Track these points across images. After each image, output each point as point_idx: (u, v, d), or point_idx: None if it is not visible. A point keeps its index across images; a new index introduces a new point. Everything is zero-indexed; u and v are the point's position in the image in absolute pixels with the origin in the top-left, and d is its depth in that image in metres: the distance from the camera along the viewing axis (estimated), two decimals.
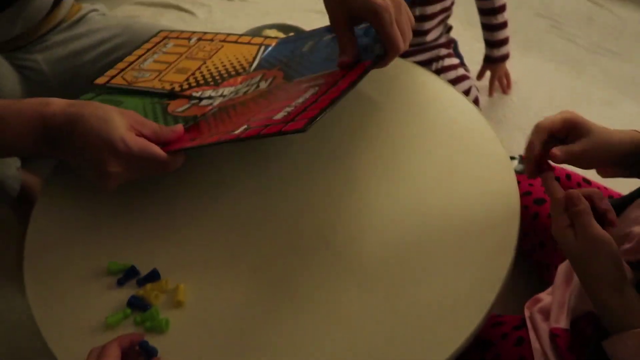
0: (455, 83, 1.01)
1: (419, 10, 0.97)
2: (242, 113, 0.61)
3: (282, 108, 0.55)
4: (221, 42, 0.83)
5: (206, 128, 0.61)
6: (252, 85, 0.69)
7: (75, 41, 1.04)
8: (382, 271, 0.54)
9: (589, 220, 0.46)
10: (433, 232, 0.57)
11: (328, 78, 0.59)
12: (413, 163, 0.65)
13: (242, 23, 1.55)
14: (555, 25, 1.53)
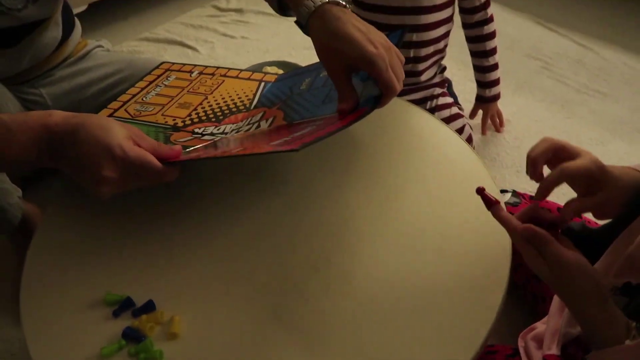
0: (449, 121, 1.04)
1: (414, 52, 1.01)
2: (241, 143, 0.63)
3: (280, 138, 0.58)
4: (222, 77, 0.86)
5: (204, 153, 0.63)
6: (253, 124, 0.71)
7: (79, 76, 1.07)
8: (376, 303, 0.55)
9: (556, 248, 0.47)
10: (426, 265, 0.58)
11: (326, 120, 0.62)
12: (406, 200, 0.66)
13: (244, 60, 1.60)
14: (545, 66, 1.58)
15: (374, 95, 0.62)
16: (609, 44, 1.68)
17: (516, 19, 1.81)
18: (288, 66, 1.38)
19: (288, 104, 0.72)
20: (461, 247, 0.60)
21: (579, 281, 0.46)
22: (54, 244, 0.64)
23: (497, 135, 1.32)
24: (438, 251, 0.60)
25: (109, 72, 1.08)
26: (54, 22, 0.97)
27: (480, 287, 0.56)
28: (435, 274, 0.57)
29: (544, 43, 1.70)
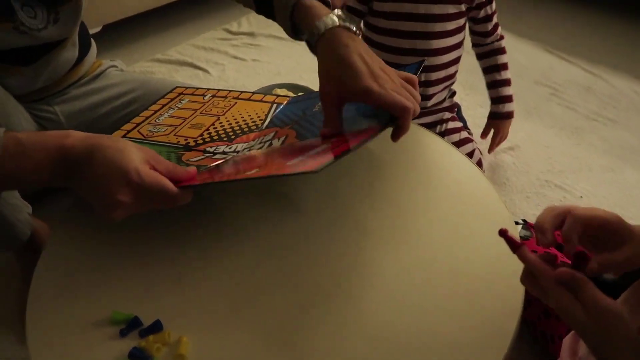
0: (459, 145, 1.03)
1: (424, 76, 1.01)
2: (254, 160, 0.63)
3: (295, 157, 0.58)
4: (234, 99, 0.87)
5: (218, 173, 0.63)
6: (265, 142, 0.71)
7: (93, 95, 1.09)
8: (386, 332, 0.54)
9: (594, 292, 0.43)
10: (436, 297, 0.57)
11: (339, 137, 0.62)
12: (417, 224, 0.66)
13: (254, 82, 1.62)
14: (554, 93, 1.59)
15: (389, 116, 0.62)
16: (618, 72, 1.69)
17: (525, 47, 1.83)
18: (299, 89, 1.39)
19: (301, 124, 0.73)
20: (472, 276, 0.59)
21: (618, 329, 0.43)
22: (61, 262, 0.64)
23: (507, 160, 1.31)
24: (449, 277, 0.59)
25: (122, 91, 1.10)
26: (71, 42, 0.99)
27: (491, 319, 0.55)
28: (446, 301, 0.56)
29: (553, 70, 1.71)
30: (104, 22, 1.71)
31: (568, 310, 0.44)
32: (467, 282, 0.58)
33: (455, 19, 0.98)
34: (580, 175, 1.27)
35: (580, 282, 0.44)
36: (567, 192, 1.22)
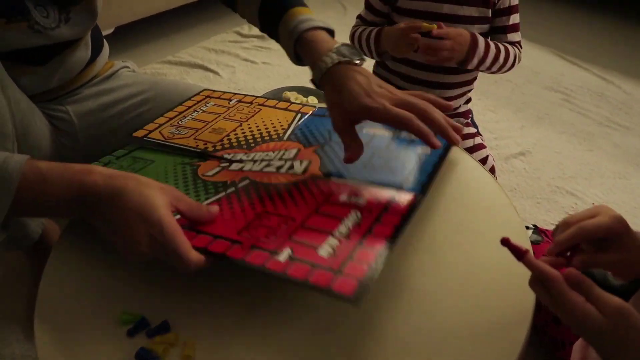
0: (473, 151, 1.02)
1: (442, 77, 1.00)
2: (276, 203, 0.60)
3: (325, 237, 0.53)
4: (259, 106, 0.86)
5: (240, 212, 0.59)
6: (285, 160, 0.70)
7: (105, 95, 1.09)
8: (394, 336, 0.53)
9: (606, 293, 0.43)
10: (446, 302, 0.56)
11: (370, 200, 0.59)
12: (429, 230, 0.65)
13: (264, 84, 1.62)
14: (566, 99, 1.58)
15: (425, 176, 0.63)
16: (631, 78, 1.67)
17: (537, 52, 1.82)
18: (308, 92, 1.39)
19: (326, 151, 0.71)
20: (483, 279, 0.58)
21: (635, 325, 0.41)
22: (70, 261, 0.64)
23: (518, 165, 1.30)
24: (459, 283, 0.58)
25: (133, 92, 1.11)
26: (84, 43, 1.00)
27: (502, 324, 0.54)
28: (456, 307, 0.56)
29: (565, 76, 1.69)
30: (116, 23, 1.72)
31: (585, 313, 0.42)
32: (477, 288, 0.58)
33: (479, 22, 0.96)
34: (591, 182, 1.26)
35: (590, 282, 0.44)
36: (578, 198, 1.21)
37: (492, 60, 0.92)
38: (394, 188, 0.61)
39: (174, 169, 0.72)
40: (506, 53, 0.94)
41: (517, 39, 0.97)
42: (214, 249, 0.54)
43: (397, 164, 0.66)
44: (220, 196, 0.63)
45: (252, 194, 0.63)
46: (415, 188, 0.61)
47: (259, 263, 0.51)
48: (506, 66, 0.96)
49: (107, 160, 0.77)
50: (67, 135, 1.06)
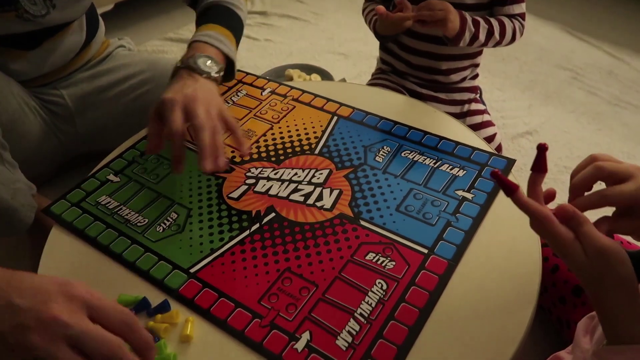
0: (481, 128, 1.00)
1: (434, 48, 0.97)
2: (300, 259, 0.57)
3: (346, 319, 0.51)
4: (293, 102, 0.82)
5: (262, 267, 0.57)
6: (314, 185, 0.66)
7: (100, 77, 1.06)
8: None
9: (594, 230, 0.43)
10: (453, 282, 0.55)
11: (398, 266, 0.56)
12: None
13: (267, 62, 1.59)
14: (575, 77, 1.54)
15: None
16: None
17: (546, 28, 1.77)
18: (312, 70, 1.36)
19: (358, 177, 0.67)
20: (489, 261, 0.57)
21: (616, 267, 0.42)
22: (68, 244, 0.63)
23: (525, 145, 1.28)
24: (465, 265, 0.57)
25: (130, 73, 1.08)
26: (78, 25, 0.97)
27: (509, 303, 0.53)
28: (461, 290, 0.55)
29: (575, 53, 1.65)
30: (115, 0, 1.69)
31: (569, 251, 0.43)
32: (483, 269, 0.56)
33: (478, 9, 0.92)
34: None
35: (581, 219, 0.43)
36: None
37: (486, 36, 0.89)
38: (425, 248, 0.58)
39: (198, 180, 0.69)
40: (501, 27, 0.90)
41: (519, 11, 0.93)
42: (233, 324, 0.52)
43: (434, 213, 0.62)
44: (244, 236, 0.61)
45: (277, 237, 0.60)
46: (448, 255, 0.57)
47: (276, 352, 0.49)
48: (504, 41, 0.92)
49: (130, 157, 0.74)
50: (64, 120, 1.04)
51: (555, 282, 0.72)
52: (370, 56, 1.58)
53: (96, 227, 0.64)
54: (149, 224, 0.63)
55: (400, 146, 0.72)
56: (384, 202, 0.64)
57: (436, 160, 0.69)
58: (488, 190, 0.64)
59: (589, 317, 0.59)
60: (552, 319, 0.75)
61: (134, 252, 0.60)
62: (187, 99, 0.63)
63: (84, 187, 0.70)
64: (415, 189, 0.65)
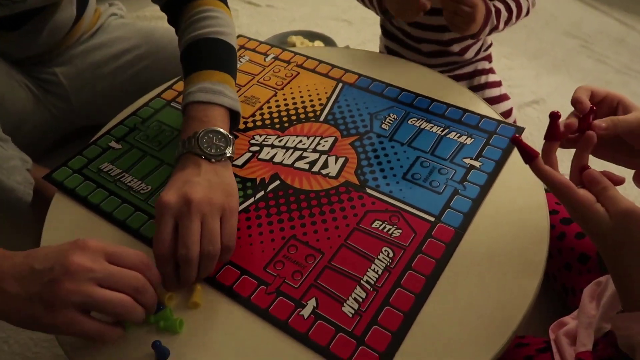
0: (498, 101, 0.97)
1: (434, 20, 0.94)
2: (306, 226, 0.57)
3: (352, 286, 0.51)
4: (297, 68, 0.80)
5: (268, 235, 0.56)
6: (320, 152, 0.65)
7: (94, 52, 1.03)
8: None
9: (620, 196, 0.42)
10: (460, 250, 0.55)
11: (404, 233, 0.55)
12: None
13: (268, 29, 1.56)
14: (584, 45, 1.51)
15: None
16: None
17: None
18: (315, 36, 1.33)
19: (364, 145, 0.66)
20: (496, 229, 0.57)
21: (637, 232, 0.40)
22: (70, 212, 0.62)
23: (531, 114, 1.26)
24: (473, 233, 0.56)
25: (125, 47, 1.04)
26: (67, 1, 0.93)
27: (515, 271, 0.53)
28: (468, 257, 0.54)
29: (584, 20, 1.61)
30: None
31: (591, 213, 0.42)
32: (489, 236, 0.56)
33: None
34: None
35: (606, 183, 0.43)
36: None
37: (504, 23, 0.85)
38: (432, 216, 0.57)
39: None
40: (518, 9, 0.86)
41: None
42: (239, 290, 0.52)
43: (441, 181, 0.61)
44: (249, 204, 0.60)
45: (282, 204, 0.59)
46: (455, 223, 0.56)
47: (282, 318, 0.49)
48: (520, 19, 0.89)
49: (132, 124, 0.73)
50: (59, 99, 1.01)
51: (561, 249, 0.72)
52: (375, 23, 1.54)
53: (99, 194, 0.63)
54: (152, 192, 0.63)
55: (407, 113, 0.70)
56: (390, 170, 0.63)
57: (443, 128, 0.68)
58: (496, 159, 0.63)
59: (595, 284, 0.59)
60: (556, 286, 0.76)
61: (138, 219, 0.60)
62: (181, 203, 0.50)
63: (85, 154, 0.69)
64: (422, 157, 0.64)
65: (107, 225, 0.60)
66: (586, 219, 0.42)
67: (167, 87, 0.80)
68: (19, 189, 0.79)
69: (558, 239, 0.72)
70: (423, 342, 0.47)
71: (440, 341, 0.47)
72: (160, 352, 0.47)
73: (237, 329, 0.50)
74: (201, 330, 0.50)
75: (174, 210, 0.50)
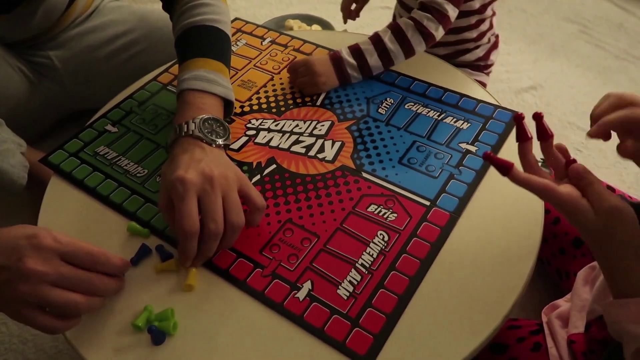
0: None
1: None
2: (301, 210, 0.57)
3: (347, 269, 0.51)
4: (295, 52, 0.80)
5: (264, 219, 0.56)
6: (316, 137, 0.65)
7: (88, 35, 1.02)
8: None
9: (605, 191, 0.42)
10: (455, 234, 0.55)
11: (400, 217, 0.55)
12: None
13: (265, 12, 1.54)
14: (583, 30, 1.50)
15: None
16: None
17: None
18: (312, 20, 1.32)
19: (360, 129, 0.66)
20: (491, 213, 0.57)
21: (626, 225, 0.42)
22: (66, 196, 0.62)
23: (529, 100, 1.26)
24: (467, 217, 0.57)
25: (120, 31, 1.03)
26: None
27: (509, 256, 0.53)
28: (463, 241, 0.55)
29: (583, 5, 1.60)
30: None
31: (577, 209, 0.42)
32: (484, 221, 0.56)
33: None
34: None
35: (591, 178, 0.43)
36: None
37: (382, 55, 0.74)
38: (427, 200, 0.57)
39: None
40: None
41: None
42: (235, 273, 0.52)
43: (437, 166, 0.61)
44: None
45: (278, 188, 0.59)
46: (450, 207, 0.56)
47: (278, 300, 0.50)
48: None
49: (128, 107, 0.72)
50: (53, 82, 1.00)
51: (556, 233, 0.72)
52: (373, 7, 1.53)
53: (95, 177, 0.63)
54: (148, 175, 0.63)
55: (404, 98, 0.70)
56: (387, 154, 0.63)
57: (440, 113, 0.68)
58: (492, 143, 0.63)
59: (589, 268, 0.60)
60: (551, 270, 0.76)
61: (135, 202, 0.60)
62: (202, 180, 0.51)
63: (81, 137, 0.69)
64: (418, 142, 0.64)
65: (103, 208, 0.60)
66: (572, 215, 0.43)
67: (163, 71, 0.79)
68: (14, 172, 0.79)
69: (553, 223, 0.73)
70: (417, 324, 0.48)
71: (434, 323, 0.48)
72: (156, 337, 0.48)
73: (233, 312, 0.50)
74: (197, 313, 0.50)
75: (198, 187, 0.50)
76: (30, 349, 0.82)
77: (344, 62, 0.71)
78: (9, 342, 0.83)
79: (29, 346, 0.82)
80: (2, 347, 0.83)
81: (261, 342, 0.48)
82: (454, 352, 0.46)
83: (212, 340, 0.48)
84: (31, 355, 0.81)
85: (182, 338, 0.49)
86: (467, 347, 0.46)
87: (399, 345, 0.46)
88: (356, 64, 0.71)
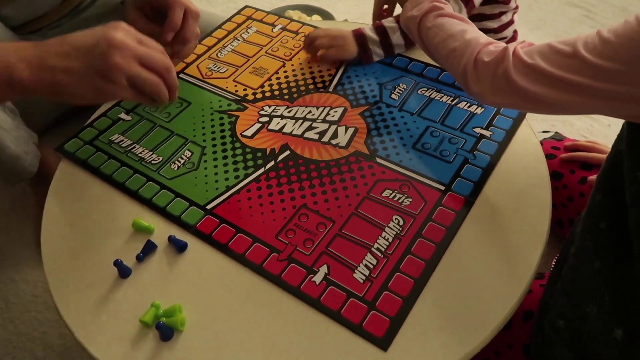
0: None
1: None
2: (316, 196, 0.57)
3: (363, 253, 0.51)
4: None
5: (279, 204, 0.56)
6: (329, 123, 0.65)
7: (94, 22, 1.01)
8: None
9: None
10: (470, 218, 0.54)
11: (415, 202, 0.55)
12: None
13: (265, 3, 1.52)
14: (587, 15, 1.49)
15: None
16: None
17: None
18: (313, 10, 1.31)
19: (374, 115, 0.66)
20: (506, 197, 0.57)
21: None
22: (71, 188, 0.62)
23: None
24: (482, 200, 0.56)
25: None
26: None
27: (523, 239, 0.53)
28: (478, 225, 0.54)
29: None
30: None
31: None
32: (499, 205, 0.56)
33: None
34: None
35: None
36: (594, 120, 1.17)
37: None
38: (442, 185, 0.57)
39: (211, 118, 0.67)
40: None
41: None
42: (251, 258, 0.52)
43: (451, 151, 0.61)
44: (259, 173, 0.60)
45: (292, 174, 0.59)
46: (465, 191, 0.56)
47: (294, 284, 0.49)
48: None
49: None
50: None
51: (573, 197, 0.71)
52: None
53: (111, 164, 0.63)
54: (163, 162, 0.63)
55: (417, 83, 0.70)
56: (400, 139, 0.62)
57: (453, 98, 0.67)
58: (506, 128, 0.63)
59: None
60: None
61: (150, 189, 0.60)
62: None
63: (96, 126, 0.69)
64: (432, 127, 0.64)
65: (117, 194, 0.60)
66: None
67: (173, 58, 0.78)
68: (26, 158, 0.79)
69: (563, 187, 0.72)
70: (433, 307, 0.48)
71: (450, 306, 0.48)
72: (164, 333, 0.47)
73: (250, 296, 0.50)
74: (205, 308, 0.50)
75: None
76: (38, 346, 0.82)
77: (366, 38, 0.72)
78: (17, 340, 0.83)
79: (37, 344, 0.82)
80: (11, 345, 0.82)
81: (270, 337, 0.47)
82: (473, 332, 0.46)
83: (221, 336, 0.48)
84: (39, 353, 0.81)
85: (191, 334, 0.48)
86: (485, 327, 0.46)
87: (416, 328, 0.47)
88: (379, 40, 0.72)
